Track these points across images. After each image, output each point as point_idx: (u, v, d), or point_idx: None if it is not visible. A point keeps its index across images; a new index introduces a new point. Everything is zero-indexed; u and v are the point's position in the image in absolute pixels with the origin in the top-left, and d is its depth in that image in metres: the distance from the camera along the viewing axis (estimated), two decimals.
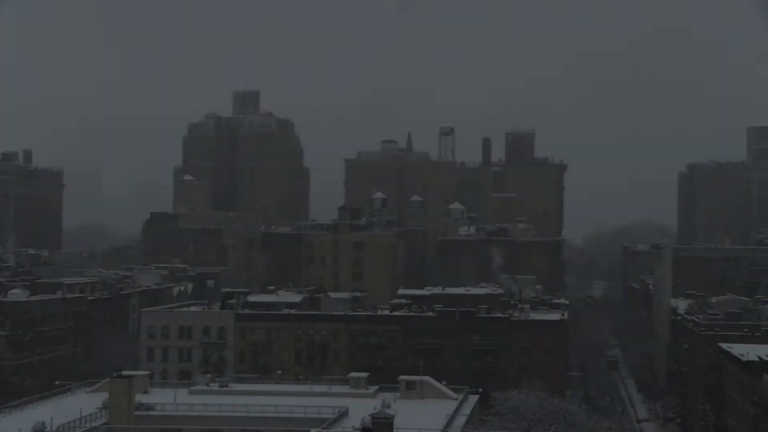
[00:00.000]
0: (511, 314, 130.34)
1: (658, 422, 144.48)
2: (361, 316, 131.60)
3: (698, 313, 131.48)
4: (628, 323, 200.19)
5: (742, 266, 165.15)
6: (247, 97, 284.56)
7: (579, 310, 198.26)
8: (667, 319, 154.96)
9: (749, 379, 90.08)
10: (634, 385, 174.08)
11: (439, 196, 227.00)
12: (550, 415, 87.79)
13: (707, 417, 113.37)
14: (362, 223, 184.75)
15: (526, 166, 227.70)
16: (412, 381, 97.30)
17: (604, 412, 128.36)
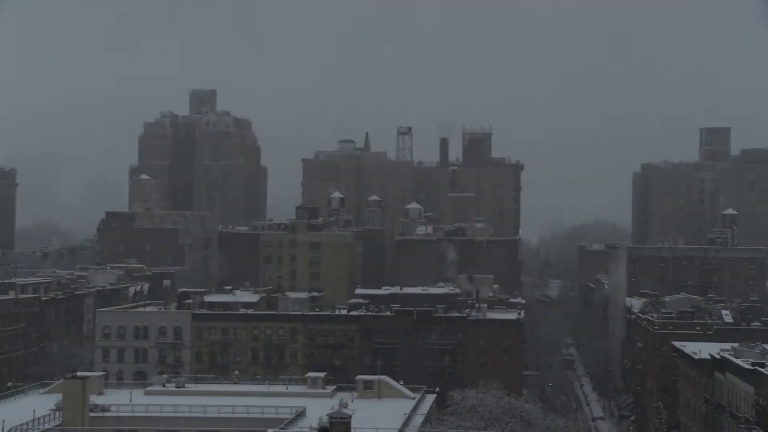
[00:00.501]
0: (469, 314, 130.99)
1: (612, 420, 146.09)
2: (319, 316, 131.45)
3: (652, 312, 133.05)
4: (584, 322, 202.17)
5: (694, 265, 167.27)
6: (203, 96, 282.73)
7: (535, 309, 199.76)
8: (622, 318, 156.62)
9: (701, 377, 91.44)
10: (590, 384, 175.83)
11: (397, 195, 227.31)
12: (507, 413, 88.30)
13: (660, 414, 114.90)
14: (320, 223, 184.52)
15: (483, 166, 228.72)
16: (370, 380, 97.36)
17: (560, 411, 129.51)
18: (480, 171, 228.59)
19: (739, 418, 75.43)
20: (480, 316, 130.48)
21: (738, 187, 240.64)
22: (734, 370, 78.42)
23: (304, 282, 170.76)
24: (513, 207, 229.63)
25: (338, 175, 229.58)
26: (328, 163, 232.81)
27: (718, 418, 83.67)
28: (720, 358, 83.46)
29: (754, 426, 70.32)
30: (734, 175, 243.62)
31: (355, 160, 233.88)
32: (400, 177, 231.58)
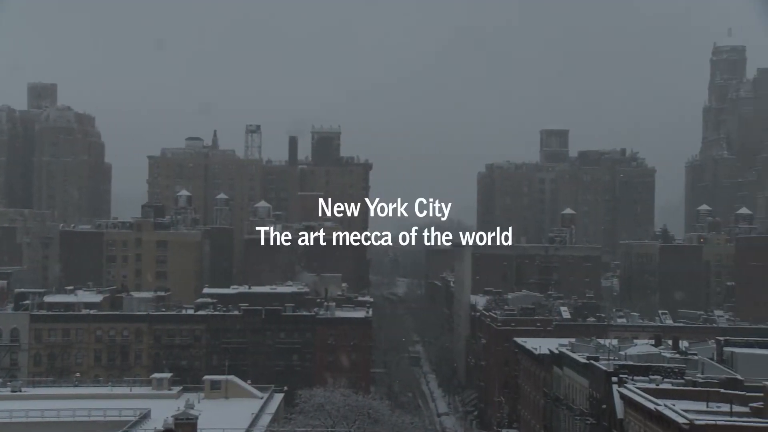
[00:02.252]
0: (317, 312, 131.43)
1: (457, 415, 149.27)
2: (165, 316, 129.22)
3: (495, 309, 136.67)
4: (430, 320, 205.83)
5: (535, 263, 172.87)
6: (42, 90, 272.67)
7: (383, 307, 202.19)
8: (467, 316, 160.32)
9: (541, 372, 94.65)
10: (435, 380, 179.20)
11: (245, 194, 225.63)
12: (355, 411, 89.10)
13: (502, 409, 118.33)
14: (166, 222, 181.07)
15: (332, 165, 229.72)
16: (217, 381, 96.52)
17: (407, 407, 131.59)
18: (329, 170, 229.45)
19: (574, 410, 78.53)
20: (328, 315, 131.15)
21: (575, 188, 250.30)
22: (571, 365, 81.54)
23: (149, 282, 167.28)
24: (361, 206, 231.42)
25: (185, 173, 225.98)
26: (174, 161, 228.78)
27: (556, 411, 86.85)
28: (558, 353, 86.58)
29: (587, 417, 73.40)
30: (572, 176, 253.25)
31: (203, 158, 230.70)
32: (248, 175, 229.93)
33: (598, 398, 70.55)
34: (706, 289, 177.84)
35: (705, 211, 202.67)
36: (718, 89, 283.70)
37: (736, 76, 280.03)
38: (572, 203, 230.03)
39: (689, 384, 62.98)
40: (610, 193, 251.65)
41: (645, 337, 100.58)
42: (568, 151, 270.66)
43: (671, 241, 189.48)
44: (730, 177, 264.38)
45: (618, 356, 75.25)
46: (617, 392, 63.85)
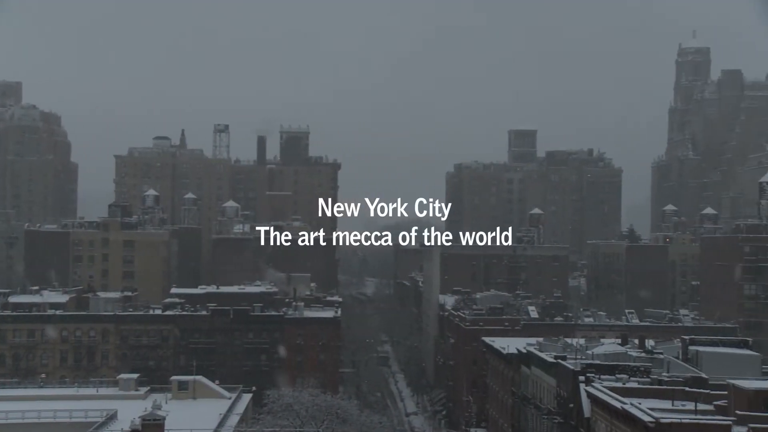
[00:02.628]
0: (286, 312, 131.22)
1: (425, 415, 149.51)
2: (132, 316, 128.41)
3: (464, 308, 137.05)
4: (399, 319, 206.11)
5: (503, 263, 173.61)
6: (7, 89, 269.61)
7: (352, 307, 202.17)
8: (435, 315, 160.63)
9: (509, 371, 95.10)
10: (404, 380, 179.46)
11: (214, 193, 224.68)
12: (323, 411, 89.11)
13: (471, 408, 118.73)
14: (133, 221, 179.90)
15: (301, 164, 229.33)
16: (185, 381, 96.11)
17: (375, 407, 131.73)
18: (297, 170, 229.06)
19: (542, 409, 79.00)
20: (297, 315, 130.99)
21: (543, 188, 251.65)
22: (538, 364, 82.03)
23: (116, 282, 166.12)
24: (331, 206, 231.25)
25: (153, 172, 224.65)
26: (142, 161, 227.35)
27: (524, 410, 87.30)
28: (526, 353, 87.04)
29: (555, 416, 73.88)
30: (540, 176, 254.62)
31: (171, 158, 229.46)
32: (216, 175, 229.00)
33: (565, 397, 71.01)
34: (672, 288, 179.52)
35: (671, 211, 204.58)
36: (683, 90, 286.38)
37: (700, 77, 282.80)
38: (540, 203, 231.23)
39: (655, 383, 63.59)
40: (578, 193, 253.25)
41: (612, 336, 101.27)
42: (536, 152, 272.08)
43: (637, 241, 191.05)
44: (695, 177, 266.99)
45: (585, 355, 75.83)
46: (584, 391, 64.32)
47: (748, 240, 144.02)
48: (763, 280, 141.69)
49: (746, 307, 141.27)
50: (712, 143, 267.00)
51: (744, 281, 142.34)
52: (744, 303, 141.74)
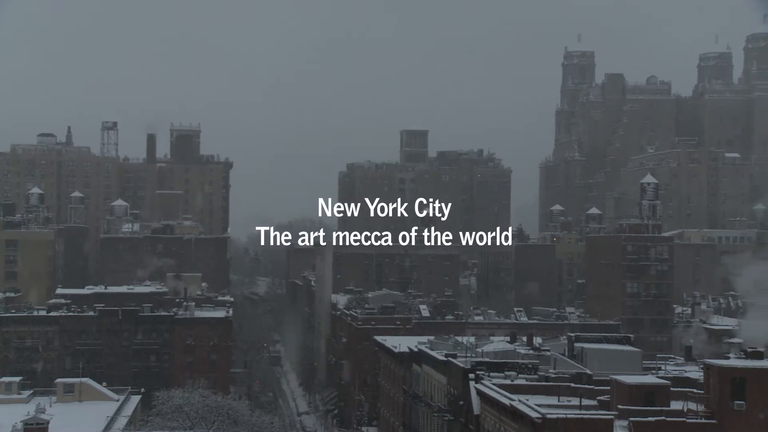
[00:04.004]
0: (176, 312, 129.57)
1: (317, 414, 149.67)
2: (14, 318, 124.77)
3: (356, 307, 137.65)
4: (291, 319, 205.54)
5: (395, 262, 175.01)
6: None
7: (244, 307, 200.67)
8: (328, 314, 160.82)
9: (400, 370, 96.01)
10: (296, 379, 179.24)
11: (101, 192, 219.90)
12: (214, 412, 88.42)
13: (362, 407, 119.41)
14: (17, 220, 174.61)
15: (192, 163, 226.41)
16: (70, 384, 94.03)
17: (267, 407, 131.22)
18: (188, 168, 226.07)
19: (433, 407, 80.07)
20: (187, 315, 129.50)
21: (435, 188, 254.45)
22: (429, 362, 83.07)
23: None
24: (222, 204, 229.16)
25: (38, 170, 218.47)
26: (25, 158, 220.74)
27: (415, 408, 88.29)
28: (417, 351, 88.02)
29: (445, 414, 74.99)
30: (431, 176, 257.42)
31: (56, 155, 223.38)
32: (104, 173, 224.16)
33: (455, 395, 72.13)
34: (559, 286, 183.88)
35: (558, 211, 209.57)
36: (569, 93, 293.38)
37: (586, 80, 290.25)
38: (432, 202, 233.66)
39: (542, 379, 65.24)
40: (468, 192, 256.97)
41: (501, 334, 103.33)
42: (427, 152, 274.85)
43: (526, 241, 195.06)
44: (581, 178, 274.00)
45: (475, 353, 77.16)
46: (474, 388, 65.46)
47: (630, 239, 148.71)
48: (645, 278, 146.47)
49: (628, 305, 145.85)
50: (596, 145, 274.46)
51: (626, 279, 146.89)
52: (626, 301, 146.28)
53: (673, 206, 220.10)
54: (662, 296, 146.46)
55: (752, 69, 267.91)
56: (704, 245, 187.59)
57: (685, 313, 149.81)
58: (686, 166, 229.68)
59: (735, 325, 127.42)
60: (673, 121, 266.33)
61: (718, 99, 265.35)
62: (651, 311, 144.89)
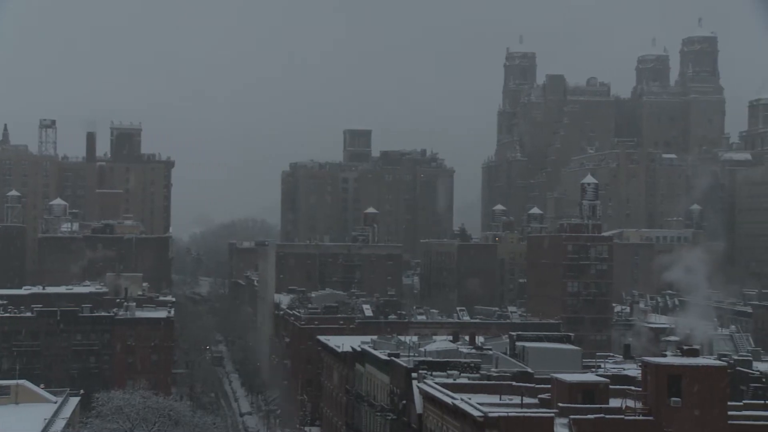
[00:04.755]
0: (116, 313, 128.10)
1: (259, 415, 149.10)
2: None
3: (299, 307, 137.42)
4: (234, 319, 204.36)
5: (339, 262, 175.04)
6: None
7: (186, 307, 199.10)
8: (270, 314, 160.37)
9: (343, 369, 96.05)
10: (238, 380, 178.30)
11: (39, 191, 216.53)
12: (155, 413, 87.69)
13: (305, 407, 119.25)
14: None
15: (133, 162, 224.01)
16: (6, 386, 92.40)
17: (209, 408, 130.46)
18: (129, 167, 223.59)
19: (376, 406, 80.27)
20: (128, 315, 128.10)
21: (378, 187, 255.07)
22: (373, 362, 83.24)
23: None
24: (163, 204, 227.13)
25: None
26: None
27: (358, 407, 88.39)
28: (360, 351, 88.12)
29: (388, 413, 75.24)
30: (374, 176, 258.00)
31: None
32: (42, 172, 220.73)
33: (398, 394, 72.41)
34: (501, 286, 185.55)
35: (500, 211, 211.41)
36: (511, 94, 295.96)
37: (527, 81, 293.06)
38: (375, 202, 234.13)
39: (484, 378, 65.79)
40: (411, 192, 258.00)
41: (444, 333, 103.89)
42: (370, 151, 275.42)
43: (468, 240, 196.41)
44: (522, 178, 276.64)
45: (418, 352, 77.46)
46: (417, 388, 65.76)
47: (571, 239, 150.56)
48: (585, 277, 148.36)
49: (569, 304, 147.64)
50: (538, 145, 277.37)
51: (567, 279, 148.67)
52: (566, 300, 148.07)
53: (612, 206, 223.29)
54: (602, 295, 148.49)
55: (688, 71, 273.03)
56: (643, 245, 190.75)
57: (624, 312, 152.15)
58: (625, 166, 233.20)
59: (672, 323, 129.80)
60: (612, 122, 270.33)
61: (655, 101, 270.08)
62: (591, 310, 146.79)
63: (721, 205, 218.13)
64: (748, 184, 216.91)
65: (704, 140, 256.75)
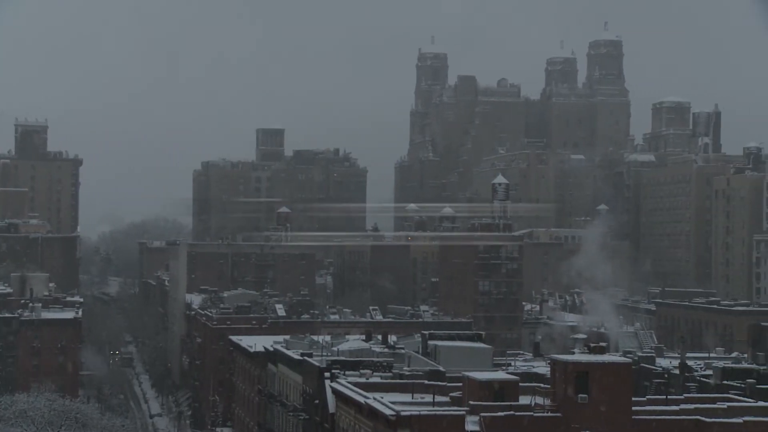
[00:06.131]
0: (21, 314, 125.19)
1: (170, 416, 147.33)
2: None
3: (211, 307, 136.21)
4: (144, 320, 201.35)
5: (251, 261, 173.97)
6: None
7: (94, 307, 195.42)
8: (182, 315, 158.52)
9: (255, 369, 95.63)
10: (149, 381, 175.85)
11: None
12: (61, 416, 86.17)
13: (217, 407, 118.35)
14: None
15: (39, 159, 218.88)
16: None
17: (118, 410, 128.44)
18: (35, 165, 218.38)
19: (288, 406, 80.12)
20: (33, 316, 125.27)
21: (291, 186, 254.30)
22: (285, 362, 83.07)
23: None
24: (71, 203, 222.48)
25: None
26: None
27: (270, 407, 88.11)
28: (273, 350, 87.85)
29: (300, 413, 75.20)
30: (288, 175, 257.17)
31: None
32: None
33: (311, 393, 72.43)
34: (413, 285, 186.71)
35: (412, 210, 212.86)
36: (423, 94, 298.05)
37: (439, 81, 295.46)
38: (288, 202, 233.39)
39: (397, 377, 66.24)
40: (324, 191, 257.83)
41: (357, 332, 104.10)
42: (283, 150, 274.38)
43: (381, 240, 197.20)
44: (434, 178, 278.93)
45: (331, 352, 77.57)
46: (329, 387, 65.88)
47: (482, 239, 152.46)
48: (495, 276, 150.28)
49: (480, 303, 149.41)
50: (450, 145, 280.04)
51: (478, 278, 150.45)
52: (478, 299, 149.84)
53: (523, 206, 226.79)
54: (512, 294, 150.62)
55: (595, 74, 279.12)
56: (552, 244, 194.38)
57: (534, 311, 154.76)
58: (535, 167, 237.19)
59: (580, 321, 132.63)
60: (522, 122, 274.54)
61: (564, 102, 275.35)
62: (501, 309, 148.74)
63: (626, 206, 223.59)
64: (652, 185, 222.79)
65: (610, 141, 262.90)
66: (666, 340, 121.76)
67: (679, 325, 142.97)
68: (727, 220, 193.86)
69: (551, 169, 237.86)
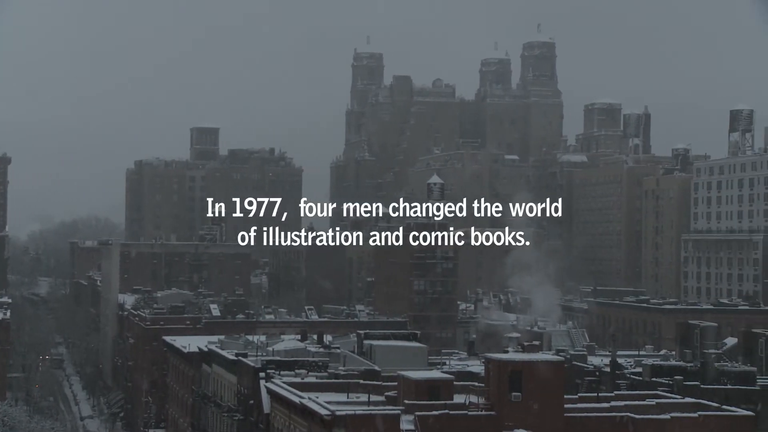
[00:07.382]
0: None
1: (102, 418, 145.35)
2: None
3: (144, 308, 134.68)
4: (75, 320, 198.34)
5: (185, 261, 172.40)
6: None
7: (23, 308, 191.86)
8: (114, 315, 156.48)
9: (190, 370, 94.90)
10: (80, 383, 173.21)
11: None
12: None
13: (150, 409, 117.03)
14: None
15: None
16: None
17: (47, 412, 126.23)
18: None
19: (223, 407, 79.70)
20: None
21: (226, 186, 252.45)
22: (220, 362, 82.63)
23: None
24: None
25: None
26: None
27: (204, 408, 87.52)
28: (207, 351, 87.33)
29: (235, 413, 74.86)
30: (222, 174, 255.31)
31: None
32: None
33: (246, 394, 72.15)
34: (349, 284, 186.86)
35: (348, 210, 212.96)
36: (359, 93, 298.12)
37: (374, 81, 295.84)
38: (222, 201, 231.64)
39: (332, 377, 66.37)
40: (260, 191, 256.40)
41: (292, 332, 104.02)
42: (218, 149, 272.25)
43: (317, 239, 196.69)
44: (371, 177, 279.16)
45: (266, 352, 77.40)
46: (264, 387, 65.73)
47: (417, 238, 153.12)
48: (431, 276, 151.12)
49: (415, 302, 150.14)
50: (385, 145, 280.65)
51: (413, 277, 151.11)
52: (413, 298, 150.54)
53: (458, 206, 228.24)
54: (447, 293, 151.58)
55: (528, 75, 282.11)
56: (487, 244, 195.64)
57: (468, 310, 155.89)
58: (470, 167, 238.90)
59: (514, 320, 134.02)
60: (457, 123, 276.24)
61: (498, 103, 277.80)
62: (437, 308, 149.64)
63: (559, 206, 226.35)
64: (584, 185, 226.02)
65: (544, 142, 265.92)
66: (597, 339, 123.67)
67: (610, 323, 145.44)
68: (656, 220, 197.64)
69: (486, 169, 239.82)
